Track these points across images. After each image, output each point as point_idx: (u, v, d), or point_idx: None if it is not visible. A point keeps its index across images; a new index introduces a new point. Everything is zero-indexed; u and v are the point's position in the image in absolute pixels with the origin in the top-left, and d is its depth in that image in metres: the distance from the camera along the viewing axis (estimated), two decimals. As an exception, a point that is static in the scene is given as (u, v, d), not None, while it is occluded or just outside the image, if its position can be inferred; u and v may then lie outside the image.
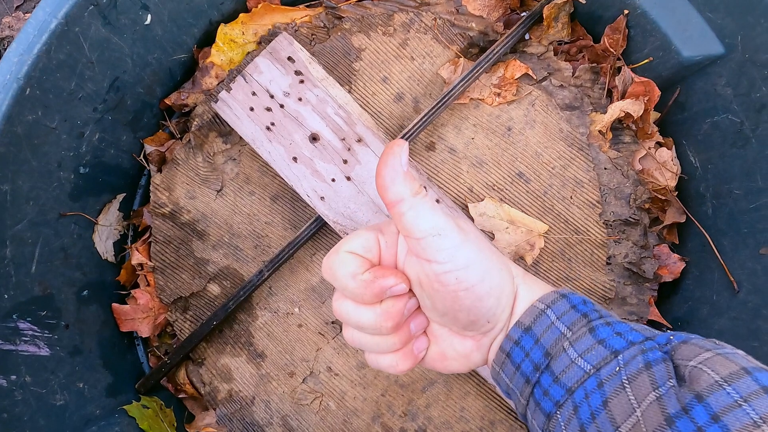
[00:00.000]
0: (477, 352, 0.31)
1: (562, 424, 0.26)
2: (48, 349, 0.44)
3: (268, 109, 0.51)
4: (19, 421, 0.39)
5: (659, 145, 0.55)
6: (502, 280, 0.29)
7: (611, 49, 0.53)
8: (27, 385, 0.41)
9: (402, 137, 0.52)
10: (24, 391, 0.41)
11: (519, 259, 0.54)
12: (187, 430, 0.54)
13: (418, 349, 0.31)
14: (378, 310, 0.29)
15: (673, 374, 0.23)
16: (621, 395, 0.24)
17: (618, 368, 0.25)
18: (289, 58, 0.51)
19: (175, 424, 0.53)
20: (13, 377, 0.40)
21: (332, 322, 0.54)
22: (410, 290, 0.30)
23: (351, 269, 0.28)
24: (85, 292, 0.50)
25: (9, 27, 1.02)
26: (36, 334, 0.43)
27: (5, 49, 0.97)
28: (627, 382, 0.24)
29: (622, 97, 0.53)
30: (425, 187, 0.29)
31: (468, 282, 0.27)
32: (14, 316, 0.41)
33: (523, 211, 0.54)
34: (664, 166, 0.54)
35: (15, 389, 0.40)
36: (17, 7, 1.00)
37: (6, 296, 0.41)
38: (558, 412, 0.26)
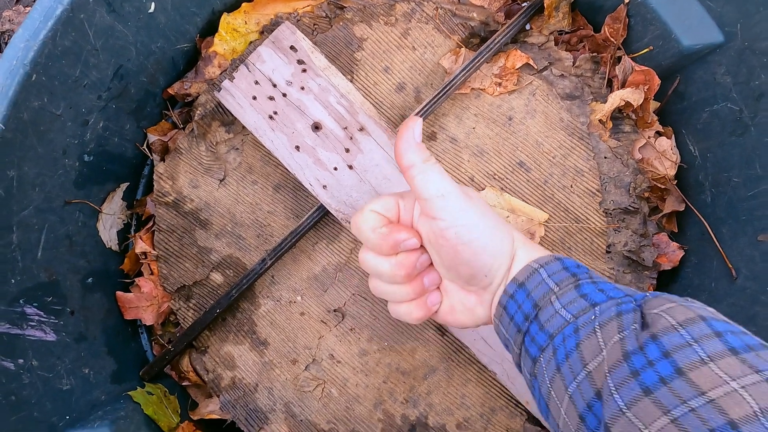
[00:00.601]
0: (480, 306, 0.34)
1: (544, 365, 0.29)
2: (54, 335, 0.44)
3: (271, 98, 0.51)
4: (27, 404, 0.40)
5: (659, 134, 0.55)
6: (500, 241, 0.32)
7: (612, 39, 0.54)
8: (34, 369, 0.42)
9: (404, 126, 0.53)
10: (31, 374, 0.41)
11: (519, 247, 0.54)
12: (191, 417, 0.55)
13: (432, 302, 0.36)
14: (393, 261, 0.34)
15: (639, 321, 0.26)
16: (592, 338, 0.27)
17: (593, 317, 0.28)
18: (292, 48, 0.51)
19: (179, 411, 0.54)
20: (21, 361, 0.41)
21: (334, 311, 0.55)
22: (423, 247, 0.35)
23: (372, 224, 0.34)
24: (89, 280, 0.51)
25: (9, 21, 1.03)
26: (42, 319, 0.43)
27: (5, 43, 0.97)
28: (599, 327, 0.27)
29: (623, 86, 0.53)
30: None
31: (465, 237, 0.31)
32: (21, 301, 0.42)
33: (523, 200, 0.54)
34: (663, 155, 0.54)
35: (22, 373, 0.40)
36: (17, 0, 1.00)
37: (13, 281, 0.41)
38: (541, 356, 0.29)
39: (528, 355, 0.31)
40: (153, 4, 0.47)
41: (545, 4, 0.53)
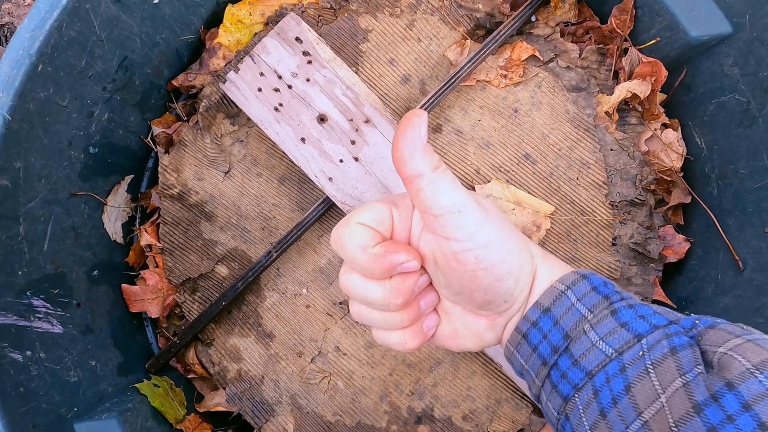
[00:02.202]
0: (490, 331, 0.30)
1: (581, 407, 0.25)
2: (61, 327, 0.44)
3: (276, 90, 0.51)
4: (35, 395, 0.40)
5: (665, 126, 0.55)
6: (522, 260, 0.28)
7: (618, 30, 0.53)
8: (42, 360, 0.42)
9: (409, 118, 0.52)
10: (39, 366, 0.41)
11: (525, 240, 0.54)
12: (197, 409, 0.55)
13: (428, 326, 0.30)
14: (387, 286, 0.27)
15: (701, 360, 0.23)
16: (645, 380, 0.23)
17: (641, 352, 0.24)
18: (297, 39, 0.51)
19: (186, 403, 0.54)
20: (29, 353, 0.41)
21: (340, 303, 0.55)
22: (422, 267, 0.29)
23: (361, 242, 0.27)
24: (95, 272, 0.51)
25: (9, 14, 1.02)
26: (49, 311, 0.43)
27: (5, 36, 0.96)
28: (651, 367, 0.23)
29: (629, 78, 0.53)
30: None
31: (488, 261, 0.26)
32: (28, 293, 0.42)
33: (529, 193, 0.54)
34: (669, 147, 0.54)
35: (30, 364, 0.41)
36: (18, -7, 0.99)
37: (20, 272, 0.41)
38: (576, 396, 0.26)
39: (556, 392, 0.27)
40: (158, -5, 0.47)
41: (552, -5, 0.53)
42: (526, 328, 0.28)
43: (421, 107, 0.52)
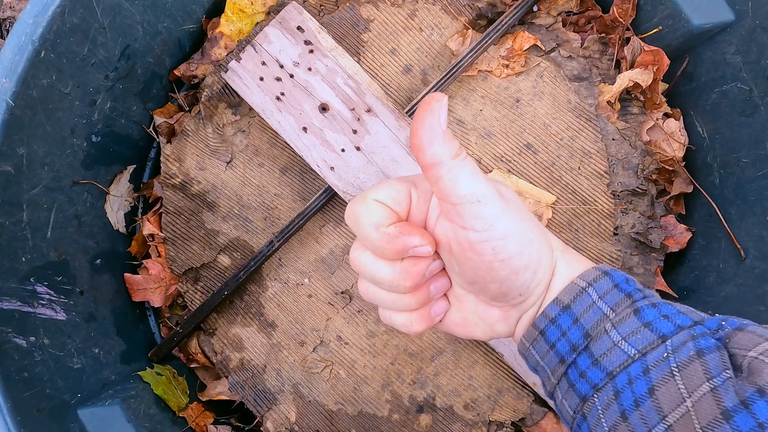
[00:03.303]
0: (503, 322, 0.29)
1: (600, 408, 0.24)
2: (64, 314, 0.45)
3: (278, 79, 0.51)
4: (39, 381, 0.40)
5: (667, 116, 0.55)
6: (540, 254, 0.27)
7: (620, 19, 0.53)
8: (45, 347, 0.42)
9: (410, 109, 0.53)
10: (43, 352, 0.42)
11: (527, 229, 0.54)
12: (200, 398, 0.55)
13: (436, 312, 0.29)
14: (397, 268, 0.27)
15: (729, 364, 0.22)
16: (669, 383, 0.22)
17: (666, 354, 0.23)
18: (299, 28, 0.51)
19: (188, 392, 0.54)
20: (32, 339, 0.41)
21: (342, 293, 0.55)
22: (435, 252, 0.28)
23: (375, 219, 0.26)
24: (98, 261, 0.51)
25: (11, 8, 1.02)
26: (53, 298, 0.44)
27: (7, 31, 0.96)
28: (677, 369, 0.23)
29: (631, 67, 0.53)
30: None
31: (506, 253, 0.25)
32: (32, 279, 0.42)
33: (531, 182, 0.54)
34: (671, 136, 0.54)
35: (34, 350, 0.41)
36: (20, -14, 0.99)
37: (23, 259, 0.41)
38: (595, 396, 0.25)
39: (574, 391, 0.26)
40: (160, -17, 0.47)
41: (554, -16, 0.53)
42: (543, 325, 0.27)
43: (422, 97, 0.52)
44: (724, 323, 0.24)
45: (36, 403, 0.39)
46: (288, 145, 0.52)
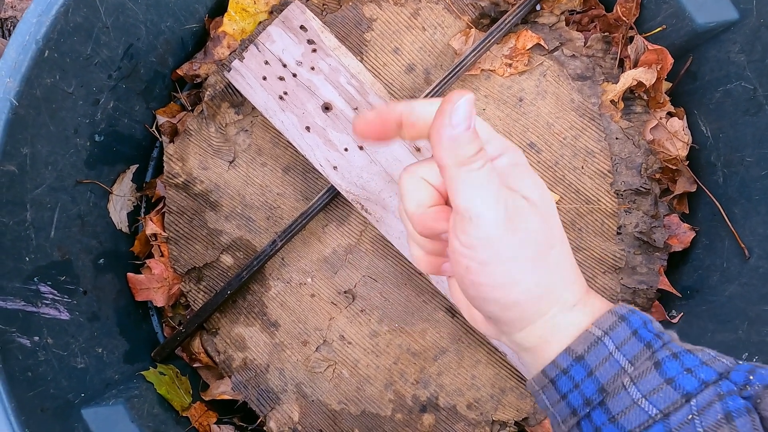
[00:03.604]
0: (504, 337, 0.28)
1: None
2: (68, 314, 0.45)
3: (281, 78, 0.51)
4: (43, 381, 0.40)
5: (670, 115, 0.55)
6: (534, 300, 0.25)
7: (624, 18, 0.53)
8: (49, 346, 0.42)
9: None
10: (46, 352, 0.42)
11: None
12: (203, 397, 0.55)
13: (445, 270, 0.29)
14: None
15: (761, 429, 0.21)
16: None
17: (691, 416, 0.22)
18: (302, 27, 0.51)
19: (191, 392, 0.54)
20: (36, 338, 0.41)
21: (345, 292, 0.55)
22: None
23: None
24: (101, 261, 0.51)
25: (12, 7, 1.02)
26: (56, 298, 0.44)
27: (9, 31, 0.96)
28: None
29: (634, 66, 0.53)
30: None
31: (479, 278, 0.24)
32: (35, 279, 0.42)
33: (534, 182, 0.54)
34: (675, 135, 0.54)
35: (38, 350, 0.41)
36: (22, -14, 0.99)
37: (27, 259, 0.41)
38: None
39: None
40: (163, -18, 0.47)
41: (557, -17, 0.53)
42: (554, 374, 0.25)
43: (425, 96, 0.52)
44: (752, 377, 0.22)
45: (40, 403, 0.39)
46: (291, 144, 0.52)
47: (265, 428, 0.55)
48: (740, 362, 0.24)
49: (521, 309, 0.25)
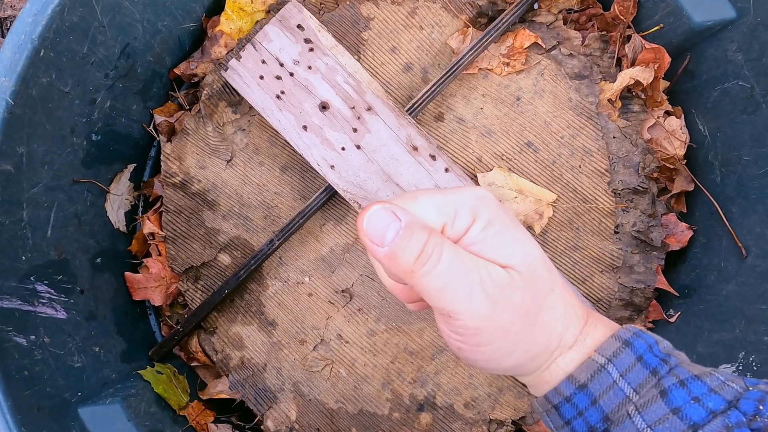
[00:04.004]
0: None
1: None
2: (65, 313, 0.45)
3: (278, 78, 0.51)
4: (39, 379, 0.40)
5: (668, 114, 0.55)
6: (530, 361, 0.24)
7: (621, 17, 0.53)
8: (46, 345, 0.42)
9: (410, 108, 0.52)
10: (43, 351, 0.42)
11: (528, 228, 0.54)
12: (200, 396, 0.55)
13: (412, 308, 0.28)
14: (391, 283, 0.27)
15: None
16: None
17: None
18: (299, 26, 0.51)
19: (189, 390, 0.54)
20: (33, 337, 0.41)
21: (342, 291, 0.55)
22: None
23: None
24: (98, 260, 0.51)
25: (11, 7, 1.02)
26: (53, 297, 0.44)
27: (7, 30, 0.96)
28: None
29: (632, 65, 0.53)
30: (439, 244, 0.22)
31: (472, 356, 0.24)
32: (32, 278, 0.42)
33: (531, 181, 0.54)
34: (672, 134, 0.54)
35: (34, 349, 0.41)
36: (20, -15, 0.99)
37: (24, 258, 0.41)
38: None
39: None
40: (159, -19, 0.47)
41: (554, -18, 0.52)
42: (557, 401, 0.25)
43: (422, 96, 0.52)
44: (761, 407, 0.22)
45: (36, 402, 0.39)
46: (288, 143, 0.52)
47: (262, 427, 0.55)
48: (751, 388, 0.23)
49: (518, 369, 0.25)
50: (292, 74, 0.51)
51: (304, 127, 0.51)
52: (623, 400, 0.23)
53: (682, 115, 0.54)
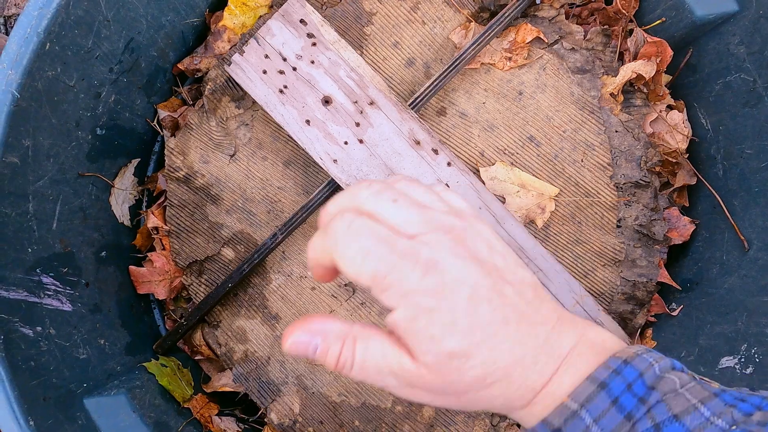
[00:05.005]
0: None
1: None
2: (70, 305, 0.45)
3: (281, 72, 0.51)
4: (45, 370, 0.41)
5: (670, 107, 0.55)
6: (498, 409, 0.25)
7: (623, 11, 0.53)
8: (52, 337, 0.42)
9: (413, 102, 0.53)
10: (49, 342, 0.42)
11: (530, 222, 0.54)
12: (204, 389, 0.56)
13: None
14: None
15: None
16: None
17: None
18: (302, 21, 0.51)
19: (192, 383, 0.54)
20: (39, 328, 0.41)
21: (345, 285, 0.55)
22: None
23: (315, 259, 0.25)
24: (103, 253, 0.51)
25: (16, 5, 1.03)
26: (59, 289, 0.44)
27: (11, 27, 0.97)
28: None
29: (634, 59, 0.53)
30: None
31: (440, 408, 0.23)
32: (38, 270, 0.42)
33: (534, 175, 0.54)
34: (675, 128, 0.54)
35: (41, 340, 0.41)
36: (25, -17, 1.00)
37: (30, 250, 0.42)
38: None
39: None
40: (163, -24, 0.47)
41: (556, -24, 0.53)
42: None
43: (425, 90, 0.53)
44: None
45: (42, 392, 0.40)
46: (291, 138, 0.52)
47: (266, 420, 0.55)
48: (740, 425, 0.21)
49: (491, 411, 0.24)
50: (294, 69, 0.52)
51: (307, 122, 0.52)
52: None
53: (685, 109, 0.54)
